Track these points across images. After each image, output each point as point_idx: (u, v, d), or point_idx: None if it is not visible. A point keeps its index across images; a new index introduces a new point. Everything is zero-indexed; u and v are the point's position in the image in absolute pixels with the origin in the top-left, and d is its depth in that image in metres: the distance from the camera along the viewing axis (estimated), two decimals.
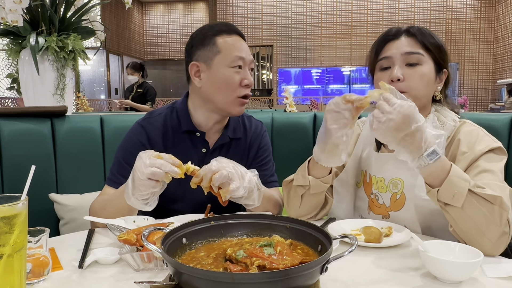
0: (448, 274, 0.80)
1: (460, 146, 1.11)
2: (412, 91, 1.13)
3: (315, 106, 6.79)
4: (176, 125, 1.31)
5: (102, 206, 1.18)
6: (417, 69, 1.14)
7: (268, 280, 0.61)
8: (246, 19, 11.91)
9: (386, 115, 0.92)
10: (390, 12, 11.44)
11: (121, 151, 1.29)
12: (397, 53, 1.15)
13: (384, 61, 1.17)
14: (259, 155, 1.39)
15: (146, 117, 1.34)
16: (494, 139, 1.12)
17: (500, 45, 11.45)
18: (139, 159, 1.00)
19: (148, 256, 0.84)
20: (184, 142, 1.30)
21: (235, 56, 1.23)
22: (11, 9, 1.63)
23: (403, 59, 1.14)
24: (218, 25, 1.28)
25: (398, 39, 1.17)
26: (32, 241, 0.79)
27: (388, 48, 1.18)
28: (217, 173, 1.00)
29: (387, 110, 0.92)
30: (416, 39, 1.16)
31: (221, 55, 1.23)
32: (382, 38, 1.21)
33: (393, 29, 1.21)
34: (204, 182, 1.01)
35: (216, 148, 1.32)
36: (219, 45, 1.24)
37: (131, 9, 8.79)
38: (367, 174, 1.26)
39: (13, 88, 2.92)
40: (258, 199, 1.08)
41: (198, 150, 1.31)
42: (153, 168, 0.96)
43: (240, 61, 1.24)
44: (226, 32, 1.26)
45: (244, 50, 1.27)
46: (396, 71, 1.13)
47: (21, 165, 1.55)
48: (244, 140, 1.38)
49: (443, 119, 1.19)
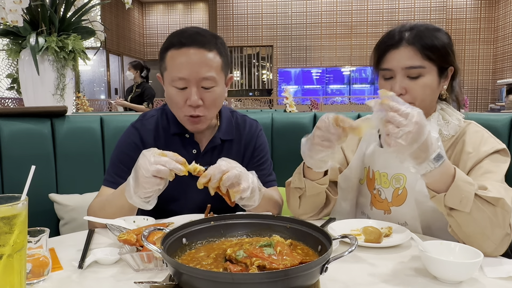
0: (448, 274, 0.80)
1: (465, 147, 1.12)
2: (416, 102, 1.12)
3: (315, 106, 6.79)
4: (166, 127, 1.31)
5: (101, 206, 1.18)
6: (419, 81, 1.12)
7: (268, 280, 0.61)
8: (246, 19, 11.91)
9: (402, 129, 0.85)
10: (390, 12, 11.45)
11: (116, 152, 1.30)
12: (398, 67, 1.12)
13: (386, 72, 1.16)
14: (256, 155, 1.38)
15: (139, 119, 1.35)
16: (499, 141, 1.12)
17: (500, 45, 11.45)
18: (143, 157, 1.00)
19: (148, 256, 0.83)
20: (174, 144, 1.30)
21: (174, 76, 1.16)
22: (11, 9, 1.63)
23: (403, 72, 1.12)
24: (172, 37, 1.21)
25: (398, 49, 1.13)
26: (32, 241, 0.79)
27: (389, 59, 1.14)
28: (227, 172, 0.99)
29: (403, 123, 0.85)
30: (416, 49, 1.11)
31: (167, 72, 1.20)
32: (383, 45, 1.17)
33: (395, 33, 1.16)
34: (213, 182, 0.99)
35: (207, 151, 1.32)
36: (166, 61, 1.19)
37: (131, 9, 8.79)
38: (370, 170, 1.26)
39: (13, 88, 2.92)
40: (258, 200, 1.08)
41: (188, 151, 1.30)
42: (158, 166, 0.96)
43: (180, 82, 1.16)
44: (175, 46, 1.17)
45: (188, 67, 1.14)
46: (398, 87, 1.12)
47: (21, 165, 1.54)
48: (238, 141, 1.36)
49: (448, 118, 1.19)
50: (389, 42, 1.15)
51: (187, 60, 1.15)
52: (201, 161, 1.30)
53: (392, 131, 0.86)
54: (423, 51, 1.11)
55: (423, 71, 1.12)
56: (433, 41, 1.12)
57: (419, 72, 1.12)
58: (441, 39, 1.13)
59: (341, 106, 10.80)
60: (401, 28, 1.17)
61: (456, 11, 11.69)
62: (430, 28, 1.15)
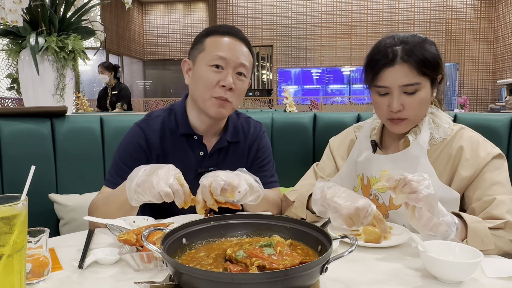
0: (448, 274, 0.80)
1: (463, 153, 1.15)
2: (412, 117, 1.16)
3: (315, 106, 6.80)
4: (174, 128, 1.30)
5: (105, 202, 1.18)
6: (415, 97, 1.14)
7: (268, 280, 0.61)
8: (246, 19, 11.91)
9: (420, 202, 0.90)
10: (390, 12, 11.44)
11: (119, 153, 1.29)
12: (394, 85, 1.13)
13: (381, 89, 1.16)
14: (259, 156, 1.38)
15: (145, 118, 1.33)
16: (493, 145, 1.17)
17: (500, 45, 11.45)
18: (168, 170, 1.00)
19: (148, 256, 0.83)
20: (182, 145, 1.29)
21: (215, 55, 1.20)
22: (11, 9, 1.63)
23: (400, 89, 1.14)
24: (216, 27, 1.27)
25: (393, 67, 1.12)
26: (32, 241, 0.79)
27: (385, 77, 1.14)
28: (212, 183, 0.99)
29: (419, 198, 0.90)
30: (411, 66, 1.11)
31: (204, 53, 1.23)
32: (377, 64, 1.15)
33: (387, 50, 1.14)
34: (208, 200, 0.99)
35: (214, 152, 1.31)
36: (205, 44, 1.24)
37: (131, 9, 8.79)
38: (365, 177, 1.28)
39: (13, 88, 2.92)
40: (258, 198, 1.08)
41: (195, 153, 1.30)
42: (169, 190, 0.96)
43: (220, 60, 1.20)
44: (219, 33, 1.24)
45: (230, 50, 1.21)
46: (395, 104, 1.13)
47: (21, 165, 1.54)
48: (243, 143, 1.36)
49: (438, 121, 1.21)
50: (383, 60, 1.14)
51: (230, 45, 1.22)
52: (207, 162, 1.30)
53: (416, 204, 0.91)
54: (418, 67, 1.12)
55: (419, 87, 1.14)
56: (425, 55, 1.12)
57: (415, 88, 1.13)
58: (431, 51, 1.14)
59: (341, 106, 10.80)
60: (391, 42, 1.15)
61: (456, 11, 11.68)
62: (419, 41, 1.14)
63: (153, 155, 1.27)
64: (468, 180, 1.13)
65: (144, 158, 1.26)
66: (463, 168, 1.13)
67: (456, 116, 1.63)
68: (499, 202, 1.03)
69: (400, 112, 1.15)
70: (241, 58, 1.22)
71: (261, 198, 1.08)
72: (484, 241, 0.95)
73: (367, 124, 1.34)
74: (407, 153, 1.18)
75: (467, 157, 1.13)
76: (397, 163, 1.19)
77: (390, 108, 1.15)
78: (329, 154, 1.41)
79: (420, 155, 1.16)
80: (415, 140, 1.18)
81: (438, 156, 1.18)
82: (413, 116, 1.16)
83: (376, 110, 1.22)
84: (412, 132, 1.20)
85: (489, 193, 1.07)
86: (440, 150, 1.18)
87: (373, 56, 1.18)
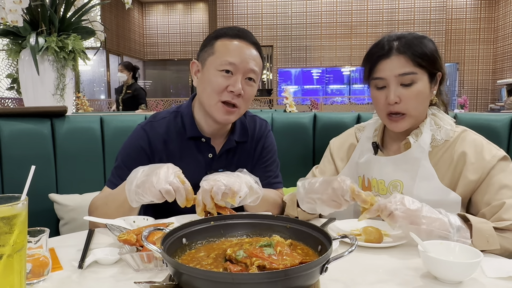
0: (448, 274, 0.80)
1: (468, 157, 1.14)
2: (409, 112, 1.16)
3: (315, 106, 6.79)
4: (180, 131, 1.28)
5: (104, 202, 1.18)
6: (412, 88, 1.14)
7: (268, 280, 0.61)
8: (246, 19, 11.91)
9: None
10: (390, 12, 11.44)
11: (122, 154, 1.28)
12: (391, 75, 1.14)
13: (378, 81, 1.18)
14: (263, 155, 1.37)
15: (149, 120, 1.32)
16: (497, 147, 1.16)
17: (500, 45, 11.45)
18: (167, 169, 1.00)
19: (148, 256, 0.83)
20: (189, 148, 1.28)
21: (224, 60, 1.19)
22: (11, 9, 1.63)
23: (397, 80, 1.14)
24: (227, 29, 1.26)
25: (389, 58, 1.15)
26: (32, 241, 0.79)
27: (381, 68, 1.16)
28: (213, 187, 0.98)
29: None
30: (407, 57, 1.13)
31: (213, 56, 1.22)
32: (374, 56, 1.18)
33: (384, 43, 1.17)
34: (208, 204, 0.99)
35: (222, 153, 1.31)
36: (215, 47, 1.22)
37: (131, 9, 8.79)
38: (365, 178, 1.28)
39: (13, 88, 2.92)
40: (257, 199, 1.08)
41: (204, 156, 1.29)
42: (169, 187, 0.97)
43: (229, 66, 1.19)
44: (229, 36, 1.22)
45: (240, 56, 1.19)
46: (392, 96, 1.14)
47: (21, 165, 1.54)
48: (249, 142, 1.36)
49: (440, 122, 1.21)
50: (379, 52, 1.17)
51: (240, 49, 1.21)
52: (216, 164, 1.29)
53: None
54: (414, 58, 1.13)
55: (415, 78, 1.14)
56: (422, 48, 1.14)
57: (412, 79, 1.13)
58: (429, 46, 1.16)
59: (341, 106, 10.80)
60: (388, 38, 1.18)
61: (456, 11, 11.68)
62: (417, 36, 1.17)
63: (156, 159, 1.26)
64: (475, 183, 1.12)
65: (146, 161, 1.25)
66: (469, 172, 1.13)
67: (456, 116, 1.63)
68: (509, 206, 1.03)
69: (397, 105, 1.14)
70: (251, 63, 1.21)
71: (261, 199, 1.08)
72: (489, 241, 0.95)
73: (369, 125, 1.34)
74: (408, 155, 1.18)
75: (472, 161, 1.13)
76: (398, 165, 1.19)
77: (388, 101, 1.15)
78: (329, 156, 1.41)
79: (421, 157, 1.16)
80: (416, 142, 1.18)
81: (440, 158, 1.18)
82: (411, 110, 1.16)
83: (375, 106, 1.22)
84: (413, 134, 1.20)
85: (497, 198, 1.07)
86: (442, 152, 1.18)
87: (371, 50, 1.20)
